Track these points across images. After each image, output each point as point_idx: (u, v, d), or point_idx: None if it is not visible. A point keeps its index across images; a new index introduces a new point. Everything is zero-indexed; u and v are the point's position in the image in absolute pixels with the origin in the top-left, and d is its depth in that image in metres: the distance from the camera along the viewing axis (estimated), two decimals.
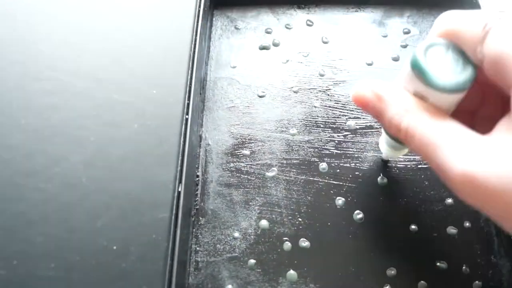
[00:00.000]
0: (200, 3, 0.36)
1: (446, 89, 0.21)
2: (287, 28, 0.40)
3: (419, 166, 0.33)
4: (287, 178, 0.33)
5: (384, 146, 0.31)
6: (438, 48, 0.22)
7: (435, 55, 0.22)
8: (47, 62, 0.32)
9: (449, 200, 0.32)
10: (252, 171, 0.33)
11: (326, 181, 0.33)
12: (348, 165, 0.33)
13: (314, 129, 0.35)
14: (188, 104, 0.32)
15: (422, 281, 0.29)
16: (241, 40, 0.39)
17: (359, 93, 0.24)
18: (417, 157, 0.34)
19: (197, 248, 0.30)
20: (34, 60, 0.32)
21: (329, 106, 0.36)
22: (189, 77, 0.32)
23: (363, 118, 0.35)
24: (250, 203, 0.32)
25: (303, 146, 0.34)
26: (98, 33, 0.34)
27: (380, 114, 0.24)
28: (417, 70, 0.22)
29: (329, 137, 0.35)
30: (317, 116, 0.36)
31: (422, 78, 0.22)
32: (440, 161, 0.20)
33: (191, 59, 0.33)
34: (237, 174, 0.33)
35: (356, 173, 0.33)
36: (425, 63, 0.22)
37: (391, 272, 0.30)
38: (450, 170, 0.20)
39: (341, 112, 0.36)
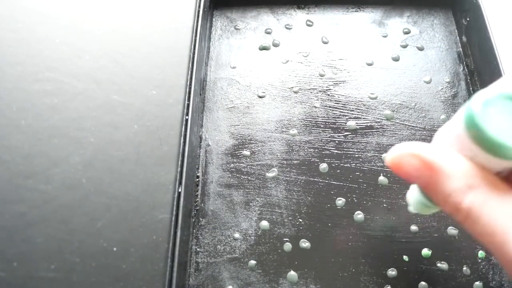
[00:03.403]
0: (200, 3, 0.36)
1: None
2: (287, 28, 0.40)
3: None
4: (288, 178, 0.33)
5: (414, 201, 0.23)
6: (504, 104, 0.17)
7: (499, 114, 0.16)
8: (47, 63, 0.32)
9: None
10: (252, 171, 0.33)
11: (327, 181, 0.33)
12: (348, 165, 0.33)
13: (314, 129, 0.35)
14: (188, 104, 0.32)
15: (422, 282, 0.29)
16: (241, 40, 0.39)
17: (399, 158, 0.18)
18: None
19: (198, 249, 0.30)
20: (34, 61, 0.32)
21: (329, 106, 0.36)
22: (189, 77, 0.32)
23: (364, 118, 0.35)
24: (251, 203, 0.32)
25: (303, 146, 0.34)
26: (98, 34, 0.34)
27: (430, 186, 0.18)
28: (475, 131, 0.16)
29: (329, 137, 0.35)
30: (317, 116, 0.35)
31: (482, 142, 0.16)
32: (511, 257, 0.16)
33: (191, 59, 0.33)
34: (237, 175, 0.33)
35: (357, 173, 0.33)
36: (486, 123, 0.16)
37: (392, 272, 0.30)
38: None
39: (341, 112, 0.36)
